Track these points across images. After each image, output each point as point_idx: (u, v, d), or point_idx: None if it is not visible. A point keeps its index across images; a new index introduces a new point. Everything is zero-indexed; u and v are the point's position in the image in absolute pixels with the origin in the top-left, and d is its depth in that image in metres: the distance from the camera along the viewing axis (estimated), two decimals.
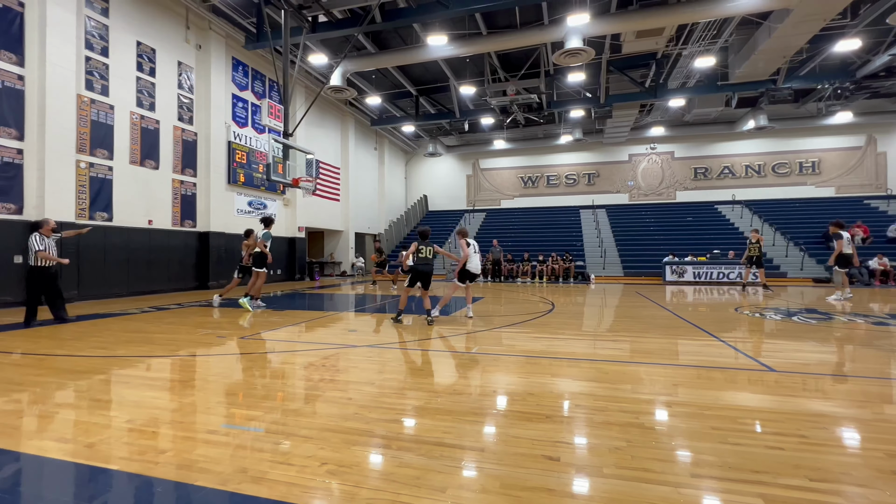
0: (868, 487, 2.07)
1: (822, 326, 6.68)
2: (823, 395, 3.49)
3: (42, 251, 6.63)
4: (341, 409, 3.16)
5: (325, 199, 20.03)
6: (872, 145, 22.56)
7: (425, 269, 7.05)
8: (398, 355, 4.97)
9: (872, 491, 2.04)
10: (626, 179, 25.94)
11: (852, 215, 19.50)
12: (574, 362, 4.63)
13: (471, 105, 21.25)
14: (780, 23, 12.21)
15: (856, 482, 2.12)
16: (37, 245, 6.60)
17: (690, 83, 17.56)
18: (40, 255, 6.62)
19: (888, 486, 2.08)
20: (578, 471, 2.25)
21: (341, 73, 14.92)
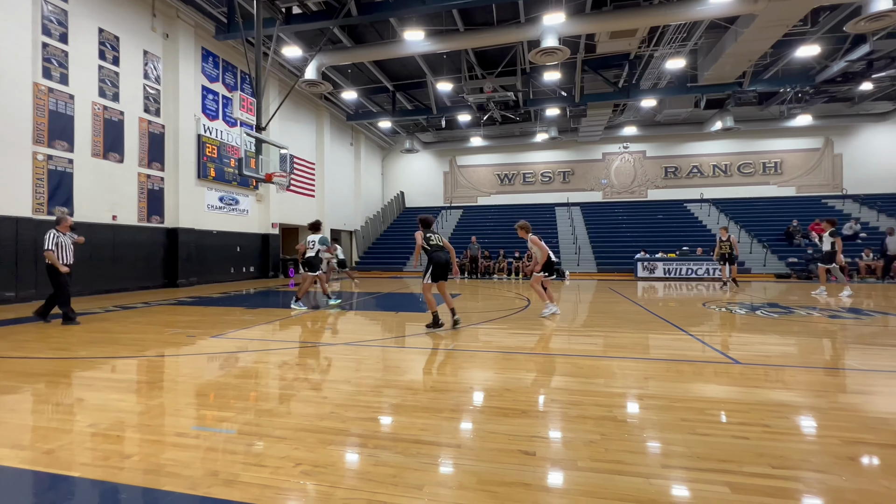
0: (825, 473, 2.17)
1: (783, 320, 6.98)
2: (784, 385, 3.65)
3: (49, 251, 6.38)
4: (317, 408, 3.12)
5: (300, 194, 19.67)
6: (830, 147, 23.68)
7: (445, 257, 6.13)
8: (375, 353, 4.94)
9: (829, 476, 2.14)
10: (599, 178, 26.45)
11: (811, 214, 20.44)
12: (549, 357, 4.69)
13: (448, 102, 21.23)
14: (746, 27, 12.65)
15: (814, 468, 2.22)
16: (46, 244, 6.40)
17: (662, 84, 18.02)
18: (46, 256, 6.40)
19: (844, 472, 2.19)
20: (554, 464, 2.29)
21: (316, 67, 14.65)
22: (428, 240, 6.14)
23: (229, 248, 15.39)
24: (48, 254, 6.39)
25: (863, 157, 23.24)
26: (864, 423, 2.81)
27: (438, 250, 6.11)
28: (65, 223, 6.65)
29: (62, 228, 6.61)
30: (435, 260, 6.05)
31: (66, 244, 6.61)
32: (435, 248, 6.11)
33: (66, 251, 6.62)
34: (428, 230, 6.24)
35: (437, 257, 6.06)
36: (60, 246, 6.52)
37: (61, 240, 6.55)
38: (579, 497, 1.97)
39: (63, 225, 6.63)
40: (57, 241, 6.48)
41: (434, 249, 6.10)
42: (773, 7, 11.32)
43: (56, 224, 6.61)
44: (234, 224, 15.65)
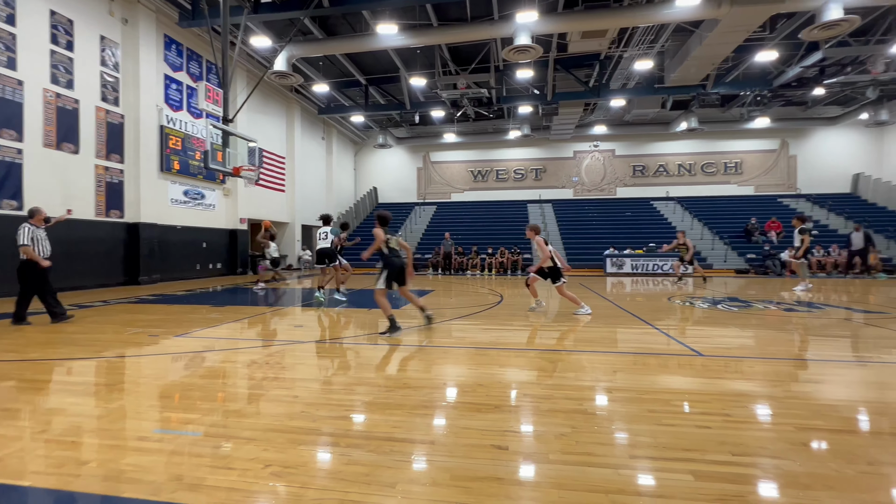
0: (781, 459, 2.29)
1: (741, 314, 7.30)
2: (743, 376, 3.82)
3: (26, 246, 6.08)
4: (287, 407, 3.05)
5: (269, 189, 19.19)
6: (785, 149, 24.88)
7: (401, 262, 5.75)
8: (346, 350, 4.87)
9: (784, 462, 2.26)
10: (570, 175, 26.91)
11: (768, 212, 21.44)
12: (521, 352, 4.75)
13: (421, 97, 21.11)
14: (710, 31, 13.10)
15: (771, 454, 2.34)
16: (22, 238, 6.10)
17: (630, 85, 18.47)
18: (23, 251, 6.10)
19: (798, 457, 2.31)
20: (526, 458, 2.32)
21: (286, 59, 14.27)
22: (387, 241, 5.73)
23: (195, 244, 14.87)
24: (25, 249, 6.09)
25: (815, 159, 24.52)
26: (815, 411, 2.97)
27: (395, 255, 5.72)
28: (39, 216, 6.38)
29: (36, 222, 6.34)
30: (391, 266, 5.66)
31: (41, 238, 6.33)
32: (393, 253, 5.72)
33: (42, 245, 6.34)
34: (387, 228, 5.83)
35: (393, 263, 5.66)
36: (36, 240, 6.24)
37: (37, 233, 6.28)
38: (550, 490, 2.00)
39: (37, 218, 6.36)
40: (32, 235, 6.20)
41: (392, 254, 5.71)
42: (735, 12, 11.76)
43: (29, 217, 6.35)
44: (199, 219, 15.12)
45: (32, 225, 6.29)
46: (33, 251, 6.15)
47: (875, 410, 3.04)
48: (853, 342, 5.26)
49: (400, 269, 5.71)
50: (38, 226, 6.36)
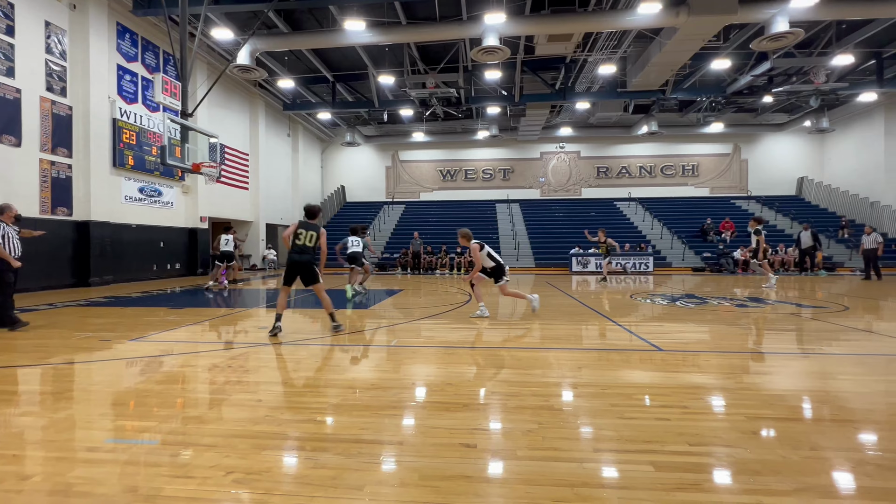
0: (733, 447, 2.41)
1: (698, 310, 7.65)
2: (699, 369, 4.00)
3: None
4: (250, 412, 2.96)
5: (232, 186, 18.55)
6: (738, 153, 26.22)
7: (297, 259, 5.40)
8: (314, 352, 4.78)
9: (736, 450, 2.38)
10: (537, 176, 27.40)
11: (722, 213, 22.53)
12: (490, 351, 4.80)
13: (390, 95, 20.95)
14: (669, 39, 13.64)
15: (724, 443, 2.46)
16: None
17: (595, 88, 18.98)
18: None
19: (748, 445, 2.44)
20: (494, 455, 2.34)
21: (249, 52, 13.85)
22: (297, 235, 5.38)
23: (151, 244, 14.20)
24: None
25: (764, 163, 25.97)
26: (764, 401, 3.15)
27: (296, 251, 5.37)
28: (9, 212, 5.98)
29: (5, 219, 5.94)
30: (289, 261, 5.39)
31: (12, 235, 5.96)
32: (297, 249, 5.37)
33: (13, 243, 5.98)
34: (303, 224, 5.46)
35: (291, 259, 5.38)
36: (7, 237, 5.87)
37: (7, 231, 5.91)
38: (518, 485, 2.03)
39: (6, 214, 5.95)
40: (3, 232, 5.83)
41: (295, 250, 5.37)
42: (691, 21, 12.29)
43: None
44: (156, 217, 14.45)
45: (1, 222, 5.87)
46: (3, 249, 5.75)
47: (817, 399, 3.25)
48: (798, 335, 5.60)
49: (296, 267, 5.40)
50: (7, 223, 5.93)
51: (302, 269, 5.45)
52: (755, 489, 1.98)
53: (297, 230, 5.48)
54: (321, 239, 5.54)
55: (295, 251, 5.42)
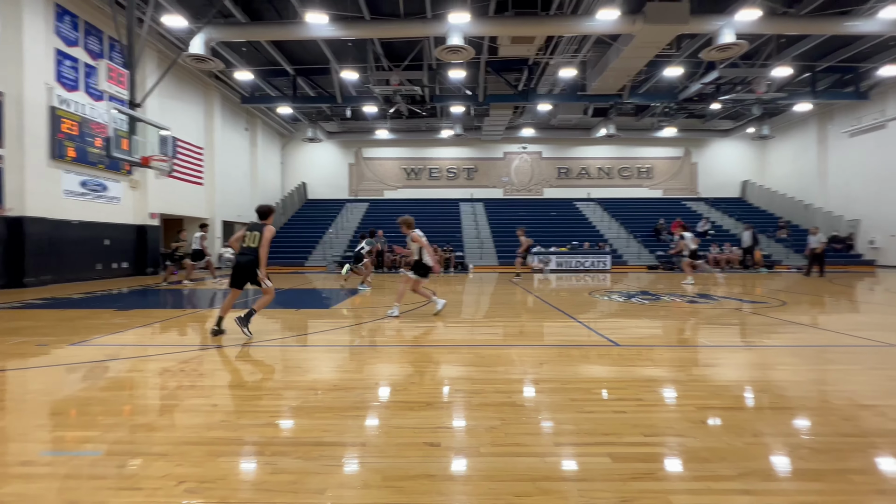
0: (684, 436, 2.54)
1: (652, 306, 7.99)
2: (653, 363, 4.18)
3: None
4: (205, 417, 2.84)
5: (185, 181, 17.69)
6: (688, 156, 27.59)
7: (238, 261, 5.29)
8: (273, 354, 4.64)
9: (687, 439, 2.50)
10: (501, 175, 27.76)
11: (674, 213, 23.63)
12: (454, 348, 4.82)
13: (353, 91, 20.62)
14: (626, 46, 14.15)
15: (676, 433, 2.58)
16: None
17: (556, 90, 19.44)
18: None
19: (698, 434, 2.57)
20: (458, 453, 2.36)
21: (204, 41, 13.23)
22: (244, 237, 5.27)
23: (95, 242, 13.32)
24: None
25: (712, 166, 27.46)
26: (712, 391, 3.33)
27: (241, 253, 5.25)
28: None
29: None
30: (234, 262, 5.33)
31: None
32: (241, 251, 5.25)
33: None
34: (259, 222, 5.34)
35: (235, 260, 5.32)
36: None
37: None
38: (481, 482, 2.05)
39: None
40: None
41: (240, 251, 5.26)
42: (647, 29, 12.81)
43: None
44: (101, 213, 13.56)
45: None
46: None
47: (758, 388, 3.47)
48: (741, 329, 5.96)
49: (234, 268, 5.30)
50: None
51: (243, 270, 5.27)
52: (704, 476, 2.09)
53: (245, 232, 5.34)
54: (264, 237, 5.26)
55: (240, 253, 5.31)
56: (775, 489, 1.99)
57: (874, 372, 3.86)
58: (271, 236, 5.31)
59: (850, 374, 3.80)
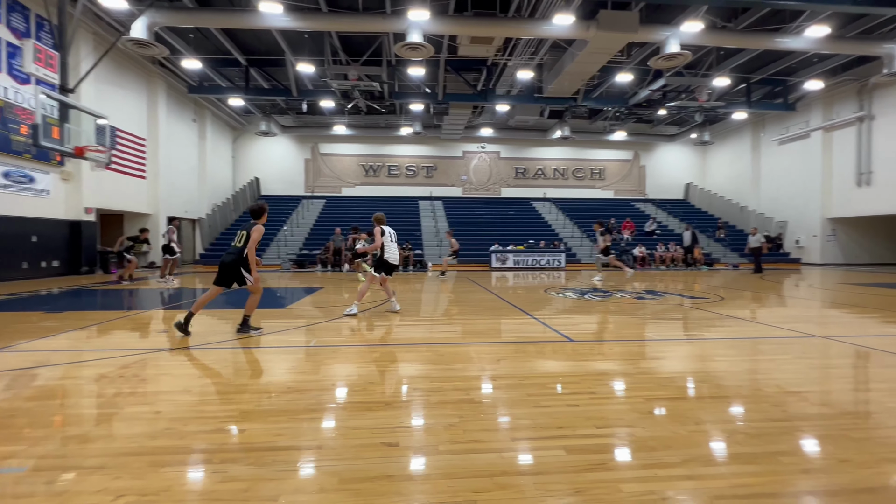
0: (633, 427, 2.66)
1: (603, 302, 8.32)
2: (605, 357, 4.35)
3: None
4: (147, 425, 2.67)
5: (125, 174, 16.57)
6: (637, 159, 28.92)
7: (222, 259, 5.21)
8: (224, 356, 4.44)
9: (636, 429, 2.62)
10: (460, 174, 27.94)
11: (624, 214, 24.70)
12: (412, 347, 4.81)
13: (310, 85, 20.03)
14: (581, 51, 14.61)
15: (626, 424, 2.70)
16: None
17: (514, 92, 19.79)
18: None
19: (646, 424, 2.70)
20: (416, 452, 2.35)
21: (147, 25, 12.41)
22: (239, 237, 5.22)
23: (20, 238, 12.21)
24: None
25: (659, 169, 28.94)
26: (658, 383, 3.51)
27: (228, 252, 5.22)
28: None
29: None
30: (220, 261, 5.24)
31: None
32: (229, 250, 5.24)
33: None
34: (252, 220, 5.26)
35: (222, 259, 5.23)
36: None
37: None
38: (440, 480, 2.06)
39: None
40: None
41: (227, 251, 5.25)
42: (599, 36, 13.28)
43: None
44: (27, 207, 12.45)
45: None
46: None
47: (700, 379, 3.70)
48: (685, 323, 6.33)
49: (219, 267, 5.21)
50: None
51: (227, 270, 5.12)
52: (651, 464, 2.20)
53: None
54: (251, 237, 5.09)
55: (226, 252, 5.25)
56: (715, 473, 2.12)
57: (799, 361, 4.20)
58: (259, 237, 5.14)
59: (779, 364, 4.12)
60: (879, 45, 14.90)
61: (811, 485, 2.02)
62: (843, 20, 14.63)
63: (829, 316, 7.04)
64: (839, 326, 6.08)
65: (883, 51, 14.94)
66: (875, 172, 19.11)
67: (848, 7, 12.09)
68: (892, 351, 4.53)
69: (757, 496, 1.92)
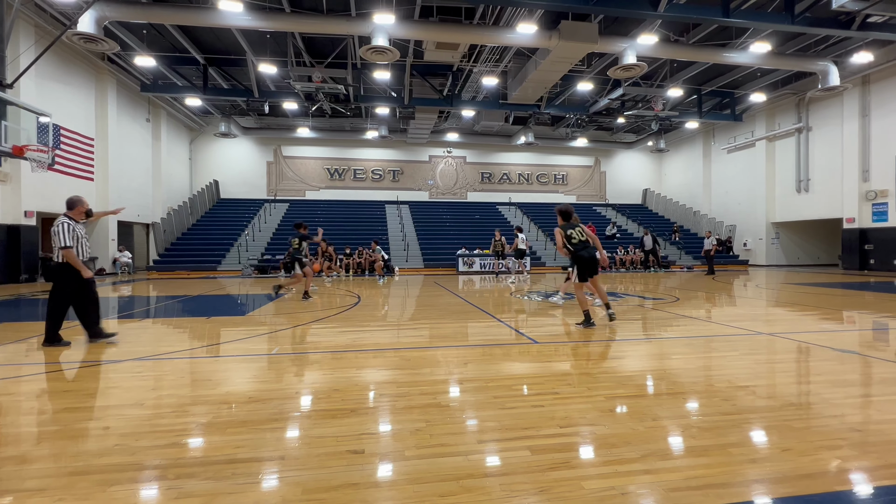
0: (595, 425, 2.73)
1: (567, 304, 8.52)
2: (569, 358, 4.46)
3: (69, 249, 4.74)
4: (95, 442, 2.52)
5: (71, 176, 15.62)
6: (598, 165, 29.91)
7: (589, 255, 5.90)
8: (180, 367, 4.24)
9: (597, 427, 2.70)
10: (426, 178, 28.00)
11: (586, 218, 25.45)
12: (379, 352, 4.76)
13: (272, 86, 19.58)
14: (544, 59, 15.00)
15: (588, 423, 2.77)
16: (64, 238, 4.73)
17: (479, 97, 20.06)
18: (65, 254, 4.75)
19: (607, 421, 2.79)
20: (382, 459, 2.33)
21: (95, 19, 11.79)
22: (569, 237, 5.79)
23: None
24: (67, 252, 4.75)
25: (618, 175, 30.03)
26: (619, 381, 3.63)
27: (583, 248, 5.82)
28: (80, 207, 5.02)
29: (75, 214, 4.99)
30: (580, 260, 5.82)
31: (81, 237, 4.94)
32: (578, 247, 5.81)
33: (83, 245, 4.98)
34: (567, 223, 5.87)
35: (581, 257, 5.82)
36: (78, 240, 4.89)
37: (77, 231, 4.90)
38: (406, 486, 2.05)
39: (77, 210, 5.00)
40: (74, 233, 4.83)
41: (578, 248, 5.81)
42: (562, 45, 13.69)
43: (68, 209, 4.99)
44: None
45: (71, 219, 4.89)
46: (76, 256, 4.80)
47: (657, 377, 3.85)
48: (643, 323, 6.57)
49: (590, 261, 5.79)
50: (77, 220, 4.96)
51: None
52: (611, 460, 2.27)
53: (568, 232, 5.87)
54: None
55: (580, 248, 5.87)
56: (671, 467, 2.21)
57: (748, 357, 4.45)
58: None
59: (729, 360, 4.35)
60: (814, 62, 16.10)
61: (758, 473, 2.15)
62: (782, 38, 15.71)
63: (774, 314, 7.49)
64: (782, 324, 6.49)
65: (818, 67, 16.15)
66: (812, 180, 20.58)
67: (786, 26, 13.01)
68: (829, 345, 4.88)
69: (709, 486, 2.01)
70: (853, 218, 18.63)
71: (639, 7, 12.30)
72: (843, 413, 2.91)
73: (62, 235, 4.79)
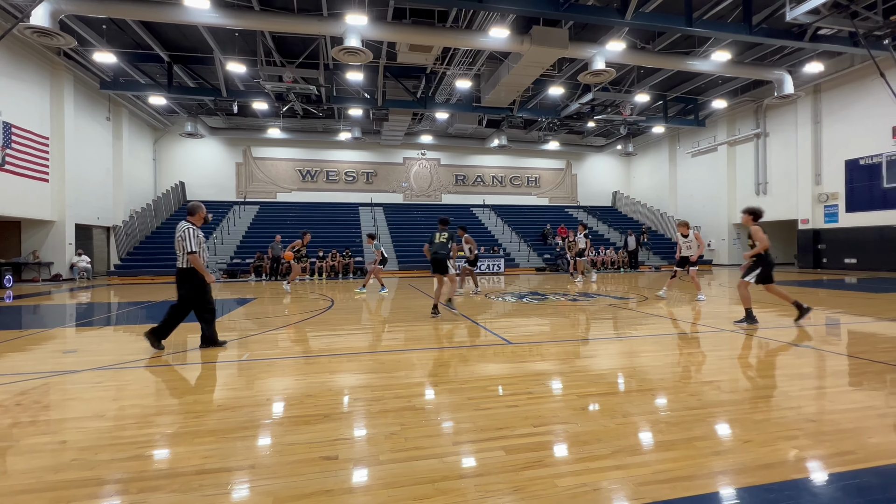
0: (568, 423, 2.78)
1: (540, 305, 8.65)
2: (542, 357, 4.52)
3: (193, 254, 4.79)
4: (51, 457, 2.39)
5: (23, 176, 14.80)
6: (569, 168, 30.49)
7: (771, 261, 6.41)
8: (143, 376, 4.08)
9: (570, 425, 2.75)
10: (400, 180, 27.88)
11: (558, 220, 25.91)
12: (353, 356, 4.71)
13: (241, 85, 19.08)
14: (516, 63, 15.19)
15: (561, 421, 2.82)
16: (190, 243, 4.80)
17: (453, 100, 20.14)
18: (191, 260, 4.80)
19: (579, 419, 2.84)
20: (357, 464, 2.30)
21: (50, 13, 11.22)
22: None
23: None
24: (193, 258, 4.79)
25: (589, 178, 30.70)
26: (591, 380, 3.71)
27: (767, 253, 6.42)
28: (200, 213, 5.06)
29: (196, 220, 5.01)
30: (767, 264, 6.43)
31: (201, 240, 4.98)
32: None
33: (204, 252, 5.03)
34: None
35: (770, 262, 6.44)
36: (200, 246, 4.94)
37: (201, 236, 4.97)
38: (380, 491, 2.03)
39: (198, 216, 5.04)
40: (198, 238, 4.91)
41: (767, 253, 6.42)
42: (533, 50, 13.91)
43: (189, 215, 5.02)
44: None
45: (193, 225, 4.91)
46: (202, 262, 4.87)
47: (627, 374, 3.95)
48: (614, 322, 6.73)
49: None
50: (198, 225, 5.00)
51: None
52: (584, 457, 2.31)
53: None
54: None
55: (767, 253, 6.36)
56: (640, 462, 2.27)
57: (712, 353, 4.63)
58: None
59: (695, 357, 4.51)
60: (771, 71, 16.92)
61: (721, 465, 2.23)
62: (741, 48, 16.44)
63: (736, 311, 7.81)
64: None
65: (774, 76, 16.97)
66: (770, 183, 21.59)
67: (744, 36, 13.62)
68: (786, 341, 5.12)
69: (676, 479, 2.08)
70: (807, 219, 19.64)
71: (607, 14, 12.64)
72: (799, 405, 3.06)
73: (189, 241, 4.81)
